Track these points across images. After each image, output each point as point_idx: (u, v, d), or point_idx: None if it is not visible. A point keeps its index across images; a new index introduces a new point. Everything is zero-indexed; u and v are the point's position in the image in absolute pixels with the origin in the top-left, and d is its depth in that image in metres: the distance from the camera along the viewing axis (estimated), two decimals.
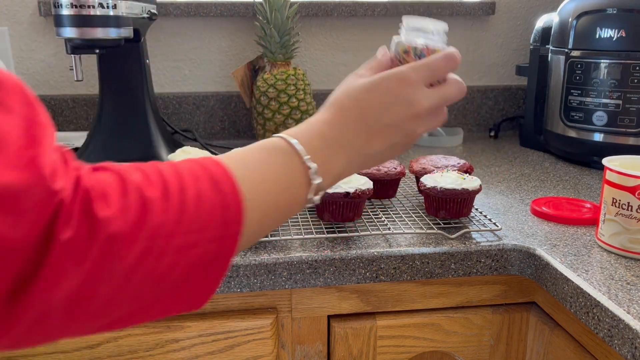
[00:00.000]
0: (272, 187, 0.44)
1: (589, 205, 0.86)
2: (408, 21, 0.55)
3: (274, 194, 0.44)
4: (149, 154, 1.04)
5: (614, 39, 1.04)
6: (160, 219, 0.36)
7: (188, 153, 0.94)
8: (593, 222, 0.80)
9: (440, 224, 0.80)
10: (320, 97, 1.39)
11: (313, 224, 0.79)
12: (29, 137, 0.31)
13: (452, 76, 0.54)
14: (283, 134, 0.47)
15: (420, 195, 0.93)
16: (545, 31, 1.22)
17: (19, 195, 0.29)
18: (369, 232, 0.75)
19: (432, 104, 0.51)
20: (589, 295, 0.61)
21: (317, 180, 0.46)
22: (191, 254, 0.38)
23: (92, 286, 0.34)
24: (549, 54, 1.18)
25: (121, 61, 1.07)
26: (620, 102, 1.04)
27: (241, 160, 0.44)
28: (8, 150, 0.29)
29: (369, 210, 0.85)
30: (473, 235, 0.76)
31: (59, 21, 0.93)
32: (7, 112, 0.30)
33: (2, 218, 0.29)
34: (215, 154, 1.29)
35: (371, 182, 0.78)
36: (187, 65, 1.38)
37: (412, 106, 0.50)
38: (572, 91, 1.11)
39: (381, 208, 0.87)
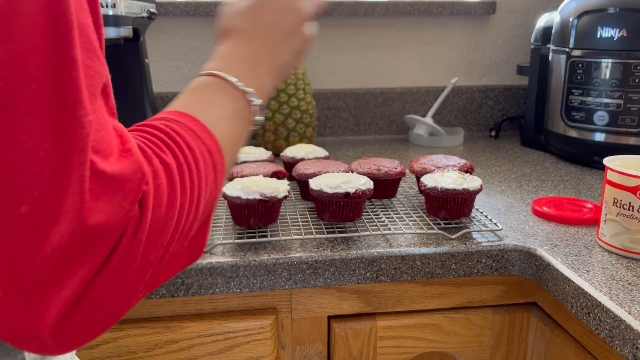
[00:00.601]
0: (228, 122, 0.47)
1: (590, 206, 0.85)
2: None
3: (232, 128, 0.47)
4: None
5: (615, 39, 1.03)
6: (182, 181, 0.39)
7: None
8: (594, 222, 0.80)
9: (440, 224, 0.80)
10: (320, 97, 1.39)
11: (313, 224, 0.79)
12: (120, 134, 0.36)
13: None
14: (209, 71, 0.49)
15: (420, 195, 0.92)
16: (546, 30, 1.21)
17: (126, 179, 0.34)
18: (369, 232, 0.74)
19: (311, 7, 0.56)
20: (590, 295, 0.61)
21: (257, 101, 0.49)
22: (209, 198, 0.42)
23: (145, 256, 0.36)
24: (550, 54, 1.18)
25: (120, 61, 1.07)
26: (621, 101, 1.04)
27: (196, 105, 0.46)
28: (114, 149, 0.34)
29: (369, 210, 0.85)
30: (474, 236, 0.76)
31: None
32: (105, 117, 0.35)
33: (111, 201, 0.32)
34: None
35: (371, 182, 0.78)
36: (186, 65, 1.38)
37: (299, 12, 0.55)
38: (573, 91, 1.11)
39: (381, 208, 0.87)
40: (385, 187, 0.87)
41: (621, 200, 0.68)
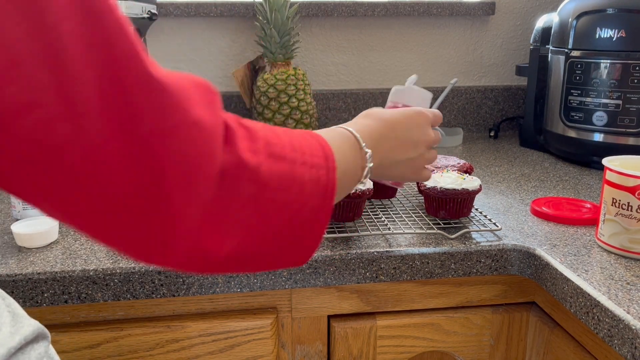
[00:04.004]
0: (344, 157, 0.52)
1: (588, 206, 0.86)
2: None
3: (345, 163, 0.52)
4: None
5: (613, 39, 1.04)
6: (280, 145, 0.43)
7: None
8: (593, 222, 0.80)
9: (440, 224, 0.80)
10: (320, 97, 1.39)
11: None
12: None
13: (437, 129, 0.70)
14: (345, 126, 0.57)
15: (420, 195, 0.93)
16: (545, 31, 1.22)
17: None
18: (369, 232, 0.75)
19: (435, 140, 0.66)
20: (589, 295, 0.61)
21: (370, 164, 0.56)
22: (306, 181, 0.44)
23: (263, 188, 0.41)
24: (549, 54, 1.18)
25: None
26: (620, 102, 1.04)
27: (323, 134, 0.53)
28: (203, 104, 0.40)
29: (369, 210, 0.85)
30: (473, 235, 0.76)
31: None
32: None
33: (210, 112, 0.39)
34: None
35: (371, 182, 0.78)
36: (187, 66, 1.38)
37: (426, 135, 0.64)
38: (572, 91, 1.11)
39: (381, 208, 0.87)
40: (385, 187, 0.87)
41: (620, 200, 0.68)
